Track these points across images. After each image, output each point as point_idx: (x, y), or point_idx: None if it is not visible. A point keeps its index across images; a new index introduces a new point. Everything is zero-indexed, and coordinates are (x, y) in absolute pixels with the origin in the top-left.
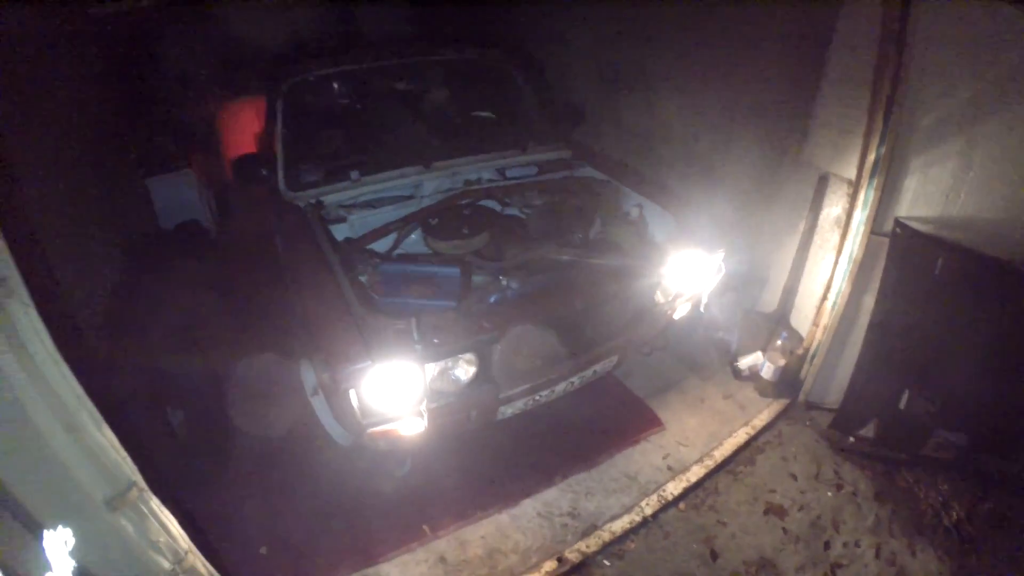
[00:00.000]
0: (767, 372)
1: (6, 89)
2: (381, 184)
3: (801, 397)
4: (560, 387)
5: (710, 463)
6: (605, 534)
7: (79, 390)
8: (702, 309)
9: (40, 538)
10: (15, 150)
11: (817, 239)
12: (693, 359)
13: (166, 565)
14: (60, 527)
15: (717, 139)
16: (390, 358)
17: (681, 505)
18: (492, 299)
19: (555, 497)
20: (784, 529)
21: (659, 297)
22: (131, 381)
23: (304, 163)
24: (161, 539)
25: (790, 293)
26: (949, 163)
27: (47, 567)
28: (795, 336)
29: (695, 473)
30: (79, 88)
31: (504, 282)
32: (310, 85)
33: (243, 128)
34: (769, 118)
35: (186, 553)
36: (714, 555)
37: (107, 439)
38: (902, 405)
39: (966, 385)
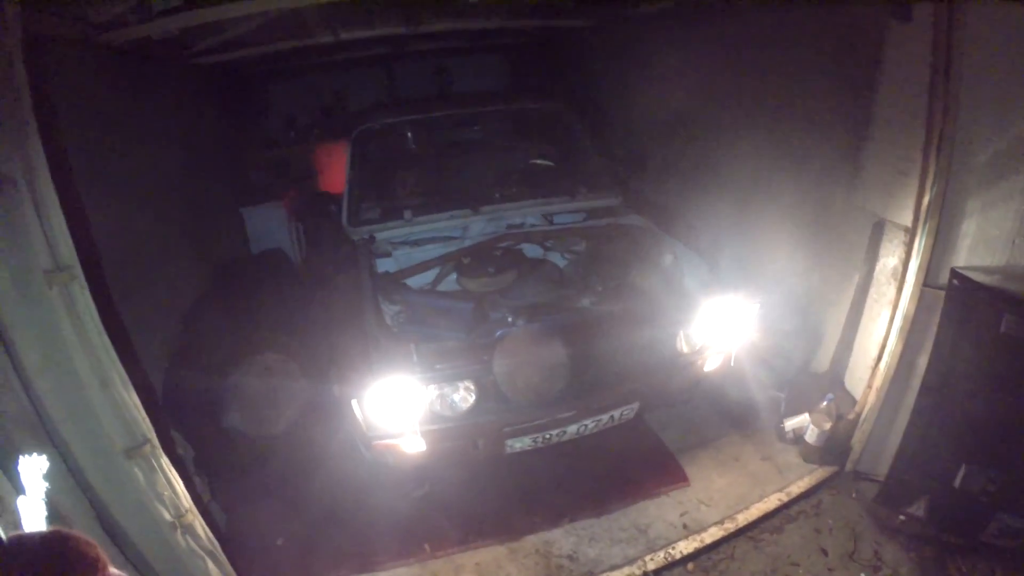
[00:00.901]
0: (811, 436)
1: (108, 129)
2: (431, 224)
3: (849, 466)
4: (572, 428)
5: (730, 526)
6: None
7: (114, 356)
8: (732, 364)
9: (16, 463)
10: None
11: (873, 292)
12: (737, 416)
13: (167, 516)
14: (40, 455)
15: (767, 185)
16: (389, 375)
17: (690, 566)
18: (498, 334)
19: (558, 538)
20: None
21: (682, 346)
22: (195, 378)
23: (367, 202)
24: (166, 493)
25: (843, 351)
26: (1013, 203)
27: (20, 491)
28: (847, 399)
29: (711, 535)
30: (182, 125)
31: (511, 320)
32: (377, 132)
33: (335, 168)
34: (818, 162)
35: (186, 511)
36: None
37: (132, 399)
38: (957, 482)
39: None
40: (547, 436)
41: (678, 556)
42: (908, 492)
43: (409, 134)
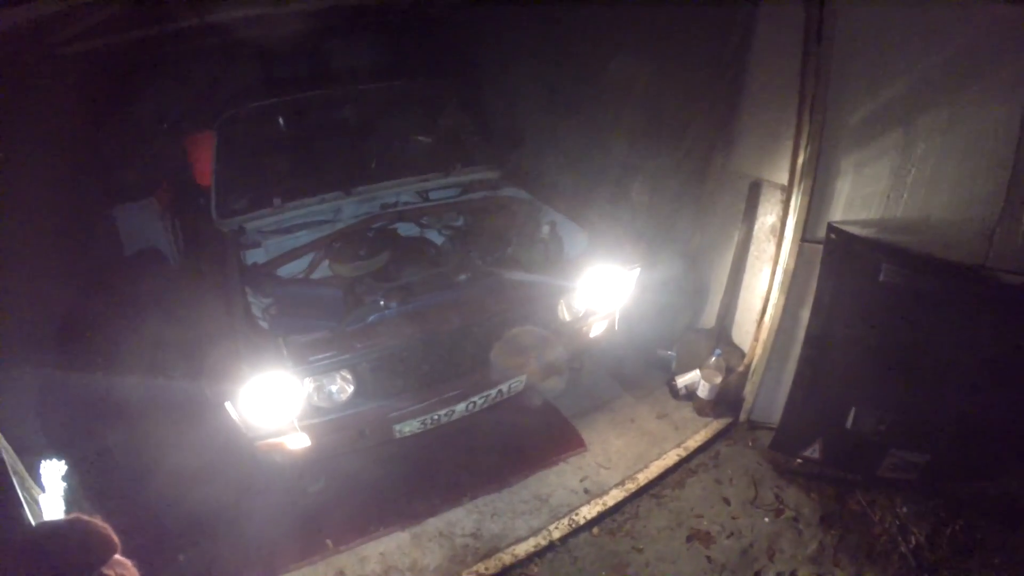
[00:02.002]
0: (703, 391)
1: None
2: (302, 210)
3: (743, 417)
4: (460, 407)
5: (631, 486)
6: (507, 557)
7: None
8: (616, 328)
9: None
10: None
11: (753, 250)
12: (629, 377)
13: None
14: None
15: (643, 154)
16: (260, 372)
17: (595, 530)
18: (371, 319)
19: (460, 517)
20: (708, 558)
21: (563, 315)
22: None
23: (235, 191)
24: None
25: (728, 308)
26: (886, 160)
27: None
28: (736, 352)
29: (613, 497)
30: (44, 123)
31: (382, 303)
32: (244, 117)
33: (208, 159)
34: (694, 131)
35: None
36: None
37: None
38: (848, 423)
39: (923, 401)
40: (436, 417)
41: (582, 521)
42: (802, 437)
43: (279, 118)
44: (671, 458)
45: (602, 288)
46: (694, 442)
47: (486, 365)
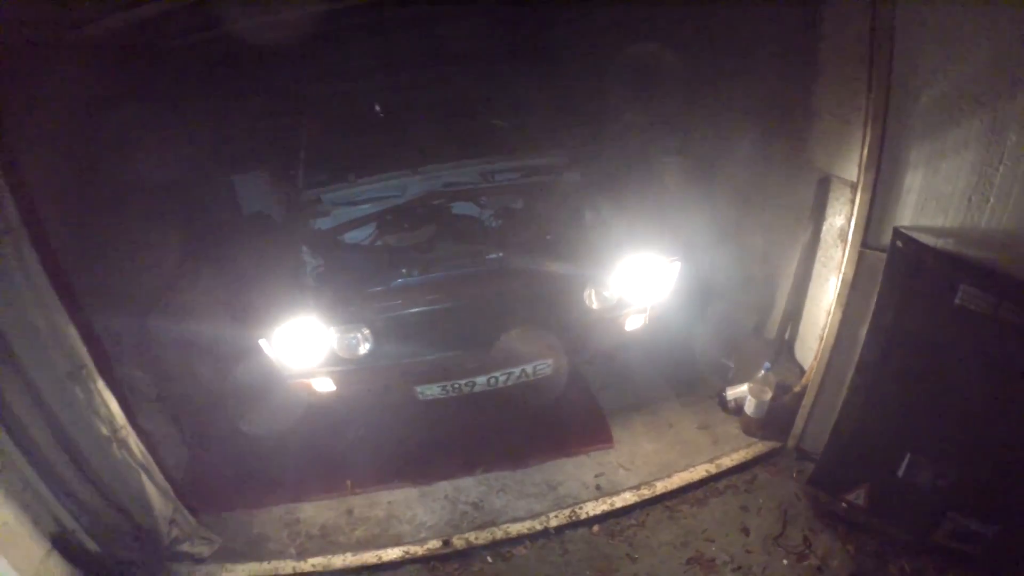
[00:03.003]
0: (750, 407)
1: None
2: (373, 185)
3: (791, 443)
4: (481, 379)
5: (646, 492)
6: (499, 532)
7: (55, 298)
8: (652, 324)
9: None
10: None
11: (820, 255)
12: (683, 381)
13: (104, 431)
14: None
15: (713, 140)
16: (291, 318)
17: (595, 528)
18: (394, 284)
19: (468, 486)
20: None
21: (591, 303)
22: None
23: (318, 166)
24: (102, 411)
25: (790, 319)
26: (967, 153)
27: None
28: (795, 369)
29: (623, 499)
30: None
31: (404, 270)
32: (329, 98)
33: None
34: (765, 115)
35: (120, 428)
36: None
37: (72, 333)
38: (901, 472)
39: (997, 460)
40: (456, 386)
41: (583, 516)
42: (845, 477)
43: (360, 100)
44: (699, 472)
45: (638, 279)
46: (729, 460)
47: (506, 343)
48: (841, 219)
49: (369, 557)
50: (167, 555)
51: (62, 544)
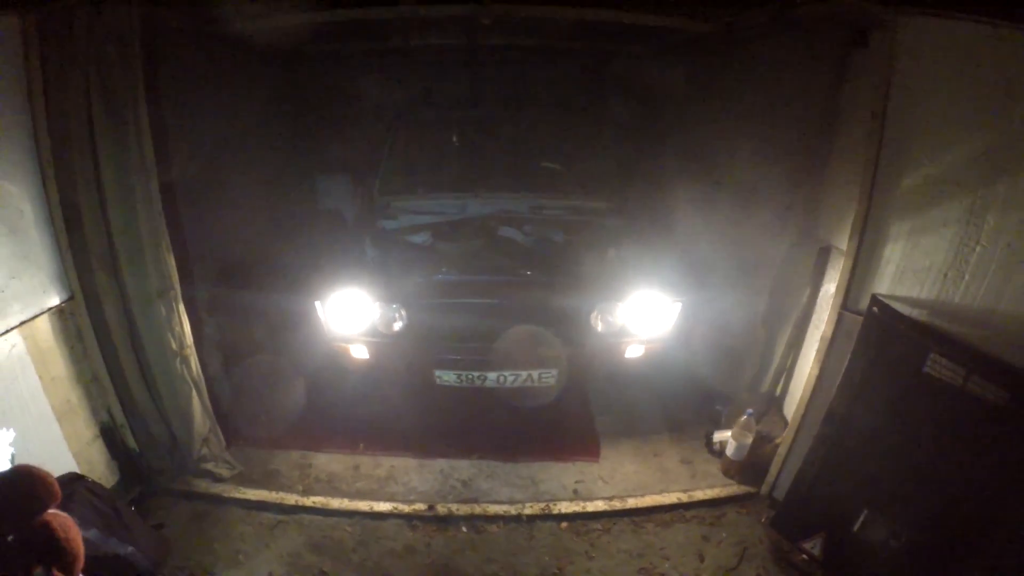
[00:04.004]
0: (730, 449)
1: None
2: (437, 201)
3: (764, 489)
4: (492, 375)
5: (617, 504)
6: (477, 508)
7: (164, 229)
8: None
9: None
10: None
11: (815, 318)
12: (678, 419)
13: (174, 346)
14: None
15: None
16: (341, 288)
17: (563, 524)
18: (435, 278)
19: (462, 466)
20: None
21: (597, 325)
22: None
23: (393, 176)
24: (176, 329)
25: (782, 375)
26: (946, 232)
27: None
28: (781, 423)
29: (595, 505)
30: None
31: (444, 270)
32: (411, 120)
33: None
34: (786, 182)
35: (187, 346)
36: (559, 575)
37: (170, 259)
38: (856, 526)
39: (956, 532)
40: (469, 376)
41: (555, 512)
42: (803, 524)
43: (438, 125)
44: (670, 498)
45: (641, 313)
46: (702, 494)
47: (517, 346)
48: (834, 286)
49: (362, 505)
50: (192, 470)
51: (108, 435)
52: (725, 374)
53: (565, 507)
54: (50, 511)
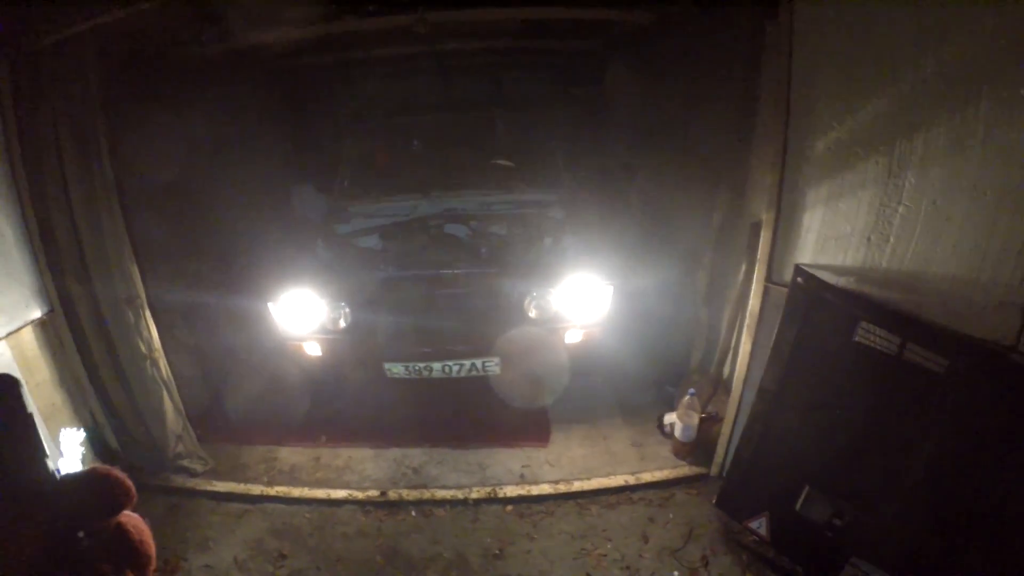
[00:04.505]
0: (678, 431)
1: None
2: (390, 203)
3: (714, 469)
4: (437, 366)
5: (562, 488)
6: (427, 494)
7: (127, 245)
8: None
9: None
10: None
11: (752, 294)
12: (632, 404)
13: (143, 350)
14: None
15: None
16: (291, 290)
17: (508, 507)
18: (376, 275)
19: (414, 454)
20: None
21: (530, 310)
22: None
23: (350, 181)
24: (144, 334)
25: (727, 353)
26: (864, 194)
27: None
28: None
29: (540, 489)
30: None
31: (382, 266)
32: (367, 126)
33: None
34: (716, 164)
35: (157, 349)
36: (500, 555)
37: (134, 272)
38: (799, 505)
39: (900, 505)
40: (416, 368)
41: (501, 496)
42: (748, 503)
43: (389, 131)
44: (617, 480)
45: (574, 297)
46: (650, 476)
47: (456, 337)
48: None
49: (320, 493)
50: (169, 467)
51: (92, 434)
52: (675, 356)
53: (510, 491)
54: (125, 512)
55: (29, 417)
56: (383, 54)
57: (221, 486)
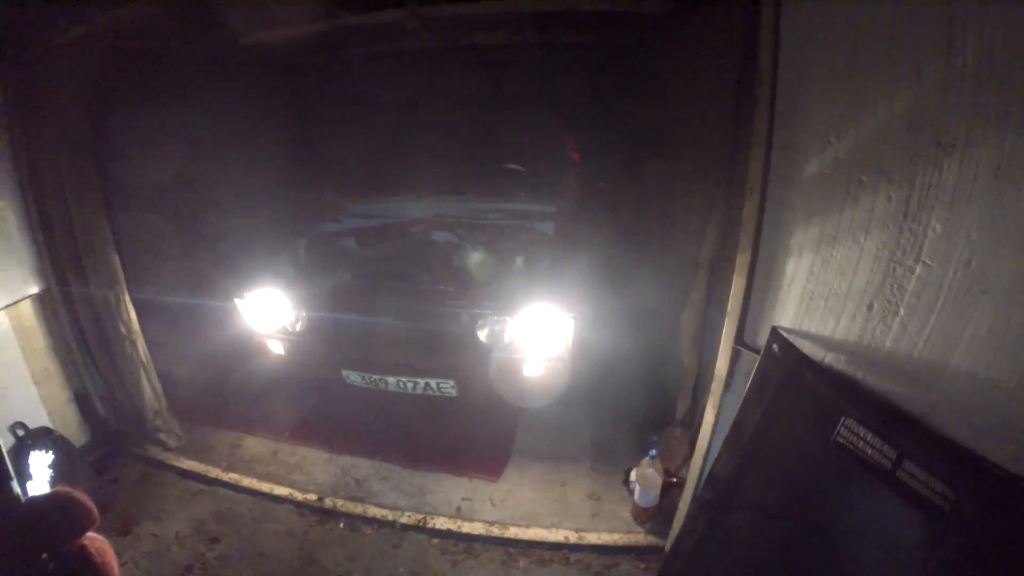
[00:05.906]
0: (637, 494)
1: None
2: (382, 205)
3: (668, 545)
4: (392, 380)
5: (496, 531)
6: (359, 508)
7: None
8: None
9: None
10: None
11: None
12: (609, 448)
13: (123, 331)
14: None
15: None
16: (260, 287)
17: (434, 540)
18: (334, 283)
19: (362, 466)
20: None
21: (483, 335)
22: None
23: (349, 181)
24: (124, 316)
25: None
26: (870, 242)
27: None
28: None
29: (471, 527)
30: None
31: (348, 276)
32: (366, 127)
33: None
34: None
35: (134, 332)
36: None
37: (116, 260)
38: None
39: None
40: (371, 379)
41: (429, 527)
42: None
43: (387, 129)
44: (557, 535)
45: (532, 328)
46: (596, 538)
47: (409, 354)
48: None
49: (265, 487)
50: (149, 438)
51: (81, 401)
52: (667, 401)
53: (441, 523)
54: (88, 534)
55: None
56: (378, 51)
57: (187, 464)
